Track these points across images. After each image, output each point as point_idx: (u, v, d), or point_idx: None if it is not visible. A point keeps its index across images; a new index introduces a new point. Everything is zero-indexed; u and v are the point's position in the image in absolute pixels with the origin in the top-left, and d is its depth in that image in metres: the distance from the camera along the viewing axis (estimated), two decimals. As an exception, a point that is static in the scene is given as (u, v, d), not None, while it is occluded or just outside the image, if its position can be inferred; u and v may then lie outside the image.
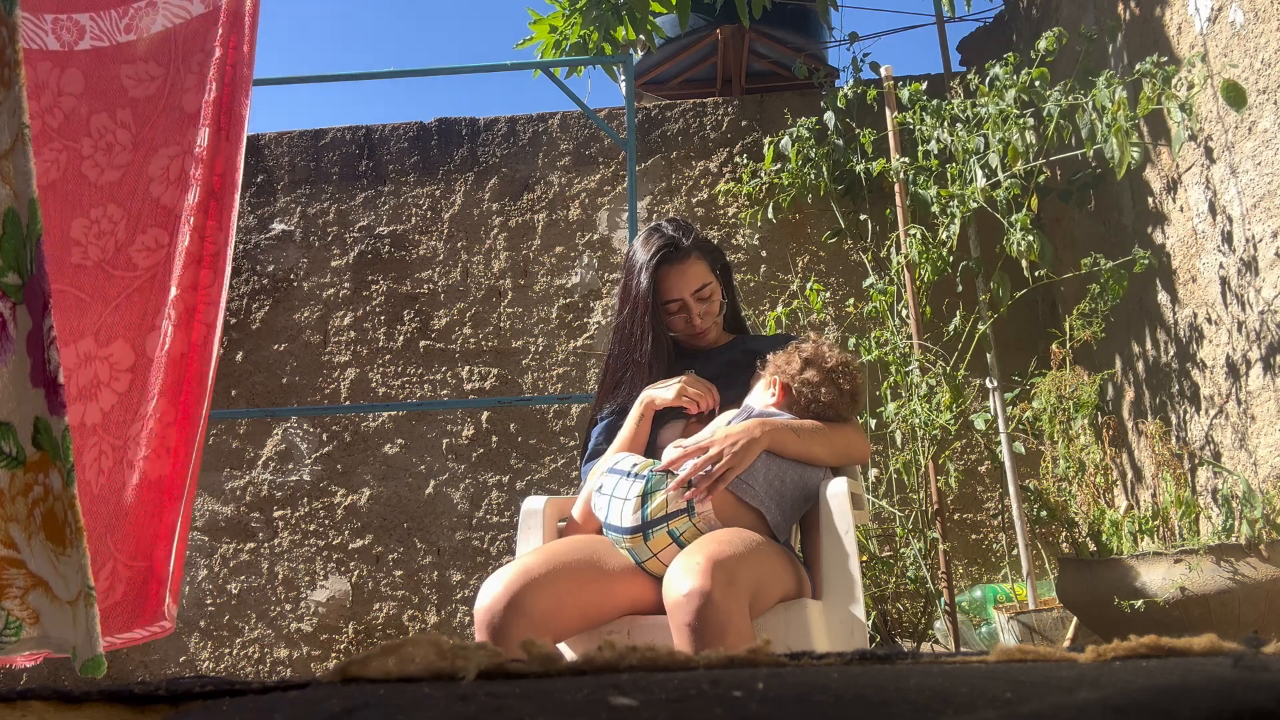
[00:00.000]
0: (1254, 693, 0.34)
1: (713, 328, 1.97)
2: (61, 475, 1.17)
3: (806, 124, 3.47)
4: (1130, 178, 2.88)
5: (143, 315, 1.96)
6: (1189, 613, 2.06)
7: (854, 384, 1.78)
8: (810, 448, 1.71)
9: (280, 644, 3.47)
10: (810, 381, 1.75)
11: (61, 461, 1.17)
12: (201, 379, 1.98)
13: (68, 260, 1.92)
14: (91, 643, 1.18)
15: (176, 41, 2.04)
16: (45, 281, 1.17)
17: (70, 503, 1.17)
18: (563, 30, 3.66)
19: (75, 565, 1.20)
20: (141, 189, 1.99)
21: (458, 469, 3.55)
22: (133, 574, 1.89)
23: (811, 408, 1.75)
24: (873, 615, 2.88)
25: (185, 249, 1.97)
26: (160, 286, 1.97)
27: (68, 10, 1.98)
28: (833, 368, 1.77)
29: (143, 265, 1.97)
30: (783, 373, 1.78)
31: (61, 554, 1.20)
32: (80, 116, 1.97)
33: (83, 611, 1.19)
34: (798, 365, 1.77)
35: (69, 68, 1.97)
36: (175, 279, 1.96)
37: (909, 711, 0.36)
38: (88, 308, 1.92)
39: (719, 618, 1.35)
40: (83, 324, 1.91)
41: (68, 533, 1.18)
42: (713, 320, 1.96)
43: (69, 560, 1.20)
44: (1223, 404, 2.53)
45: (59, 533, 1.19)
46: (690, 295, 1.91)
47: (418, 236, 3.76)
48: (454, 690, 0.42)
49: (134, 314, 1.95)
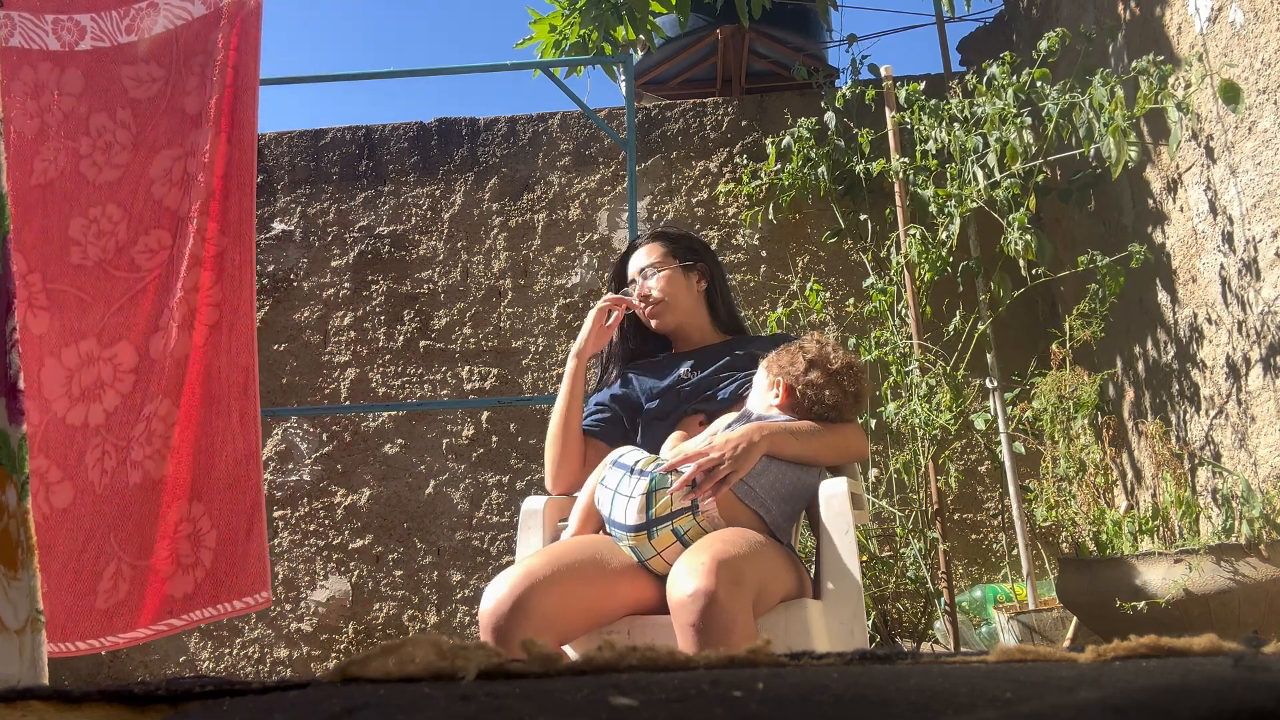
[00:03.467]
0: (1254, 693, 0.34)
1: (666, 311, 2.01)
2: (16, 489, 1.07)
3: (807, 124, 3.47)
4: (1130, 178, 2.88)
5: (147, 317, 1.95)
6: (1189, 613, 2.06)
7: (859, 385, 1.78)
8: (809, 450, 1.71)
9: (280, 644, 3.47)
10: (815, 383, 1.74)
11: (16, 474, 1.07)
12: (206, 379, 1.96)
13: (68, 260, 1.92)
14: (36, 673, 1.07)
15: (178, 43, 2.04)
16: (10, 281, 1.10)
17: (23, 519, 1.07)
18: (562, 30, 3.66)
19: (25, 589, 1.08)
20: (143, 190, 1.99)
21: (458, 469, 3.55)
22: (136, 573, 1.89)
23: (814, 409, 1.75)
24: (873, 615, 2.88)
25: (189, 251, 1.96)
26: (164, 288, 1.96)
27: (69, 11, 1.98)
28: (838, 370, 1.76)
29: (145, 266, 1.96)
30: (786, 374, 1.77)
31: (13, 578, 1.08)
32: (79, 116, 1.97)
33: (29, 640, 1.07)
34: (802, 366, 1.76)
35: (69, 68, 1.97)
36: (179, 281, 1.95)
37: (909, 711, 0.36)
38: (89, 308, 1.92)
39: (724, 618, 1.35)
40: (84, 324, 1.91)
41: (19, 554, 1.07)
42: (662, 301, 2.01)
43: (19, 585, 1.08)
44: (1223, 404, 2.53)
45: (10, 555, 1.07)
46: (637, 273, 2.04)
47: (418, 236, 3.76)
48: (454, 690, 0.42)
49: (138, 315, 1.95)
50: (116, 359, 1.91)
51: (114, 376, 1.90)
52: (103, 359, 1.90)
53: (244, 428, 1.96)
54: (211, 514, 1.93)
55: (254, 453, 1.96)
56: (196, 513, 1.93)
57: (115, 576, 1.87)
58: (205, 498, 1.93)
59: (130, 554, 1.88)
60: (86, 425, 1.88)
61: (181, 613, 1.90)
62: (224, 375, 1.97)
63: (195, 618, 1.92)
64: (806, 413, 1.75)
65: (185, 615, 1.91)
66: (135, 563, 1.88)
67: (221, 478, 1.94)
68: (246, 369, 1.98)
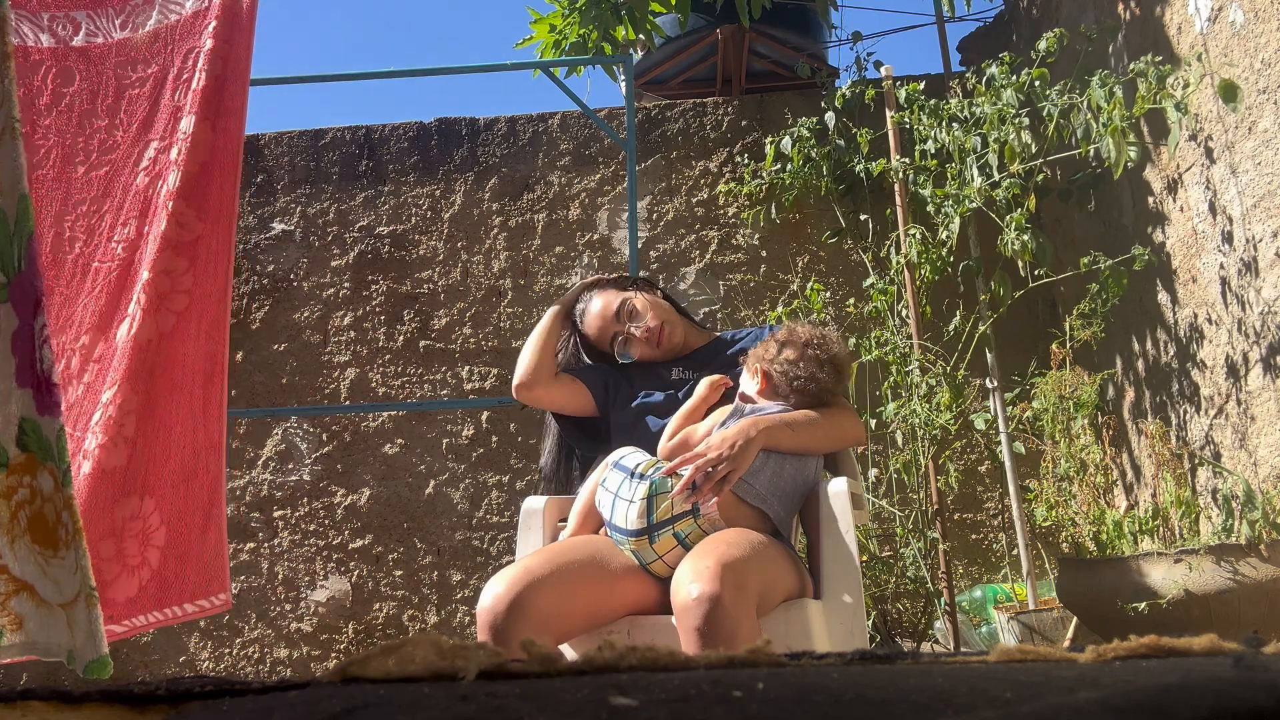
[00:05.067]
0: (1254, 693, 0.34)
1: (670, 330, 1.99)
2: (55, 477, 1.13)
3: (807, 124, 3.47)
4: (1130, 178, 2.88)
5: (115, 303, 1.87)
6: (1189, 613, 2.06)
7: (830, 353, 1.78)
8: (805, 439, 1.72)
9: (280, 644, 3.47)
10: (788, 360, 1.77)
11: (55, 463, 1.13)
12: (169, 369, 1.85)
13: (61, 256, 1.91)
14: (95, 644, 1.15)
15: (171, 37, 2.03)
16: (37, 279, 1.13)
17: (66, 504, 1.14)
18: (562, 30, 3.66)
19: (71, 567, 1.17)
20: (129, 182, 1.96)
21: (458, 469, 3.55)
22: None
23: (795, 385, 1.76)
24: (873, 615, 2.88)
25: (161, 234, 1.86)
26: (133, 272, 1.88)
27: (65, 8, 1.98)
28: (806, 341, 1.78)
29: (119, 255, 1.91)
30: (761, 360, 1.80)
31: (52, 557, 1.17)
32: (74, 112, 1.96)
33: (83, 613, 1.16)
34: (774, 349, 1.80)
35: (63, 63, 1.96)
36: (148, 263, 1.85)
37: (909, 711, 0.36)
38: (71, 304, 1.90)
39: (729, 622, 1.35)
40: (63, 317, 1.89)
41: (61, 534, 1.15)
42: (662, 322, 1.99)
43: (62, 563, 1.17)
44: (1223, 404, 2.53)
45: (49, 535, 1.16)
46: (616, 324, 2.00)
47: (418, 236, 3.76)
48: (454, 690, 0.42)
49: (108, 304, 1.88)
50: (85, 347, 1.85)
51: (80, 367, 1.84)
52: (72, 349, 1.86)
53: (206, 418, 1.87)
54: (162, 509, 1.82)
55: (216, 444, 1.87)
56: (146, 509, 1.81)
57: None
58: (156, 492, 1.82)
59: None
60: None
61: (123, 618, 1.75)
62: (189, 362, 1.87)
63: (140, 623, 1.78)
64: (790, 395, 1.76)
65: (128, 621, 1.76)
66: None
67: (176, 470, 1.84)
68: (214, 357, 1.88)
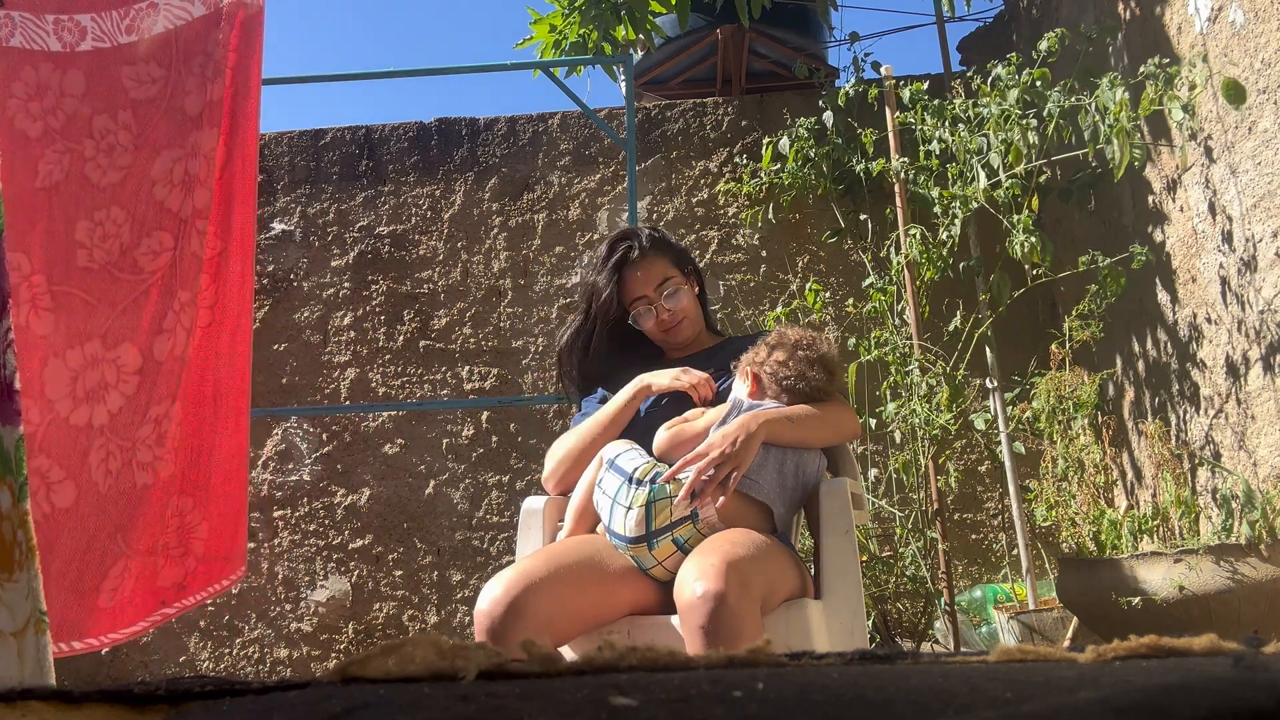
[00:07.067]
0: (1254, 693, 0.34)
1: (687, 326, 1.95)
2: (11, 491, 1.05)
3: (806, 124, 3.47)
4: (1130, 177, 2.88)
5: (151, 319, 1.97)
6: (1189, 613, 2.06)
7: (819, 353, 1.79)
8: (804, 432, 1.73)
9: (280, 644, 3.47)
10: (778, 361, 1.78)
11: (13, 476, 1.05)
12: (201, 380, 2.00)
13: (74, 263, 1.92)
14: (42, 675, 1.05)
15: (178, 43, 2.04)
16: (4, 281, 1.09)
17: (21, 521, 1.05)
18: (562, 30, 3.66)
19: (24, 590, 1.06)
20: (145, 192, 1.99)
21: (458, 469, 3.55)
22: (144, 569, 1.92)
23: (785, 385, 1.77)
24: (873, 615, 2.88)
25: (191, 252, 1.99)
26: (167, 291, 1.98)
27: (69, 11, 1.98)
28: (795, 343, 1.80)
29: (149, 269, 1.98)
30: (752, 363, 1.82)
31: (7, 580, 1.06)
32: (82, 118, 1.97)
33: (32, 642, 1.05)
34: (764, 353, 1.81)
35: (70, 69, 1.97)
36: (182, 282, 1.99)
37: (909, 711, 0.36)
38: (95, 311, 1.92)
39: (733, 620, 1.35)
40: (90, 327, 1.92)
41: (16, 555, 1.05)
42: (685, 317, 1.94)
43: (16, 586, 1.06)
44: (1222, 404, 2.53)
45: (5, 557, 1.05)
46: (652, 290, 1.91)
47: (418, 236, 3.76)
48: (454, 690, 0.42)
49: (142, 318, 1.96)
50: (120, 360, 1.93)
51: (118, 378, 1.92)
52: (106, 360, 1.91)
53: (236, 427, 2.03)
54: (202, 506, 2.00)
55: (241, 450, 2.05)
56: (187, 505, 1.99)
57: (121, 575, 1.89)
58: (198, 491, 1.99)
59: (141, 551, 1.93)
60: (90, 426, 1.88)
61: (174, 601, 1.97)
62: (221, 376, 2.02)
63: (187, 604, 2.00)
64: (781, 394, 1.77)
65: (177, 603, 1.99)
66: (146, 559, 1.93)
67: (218, 473, 2.01)
68: (242, 372, 2.03)
